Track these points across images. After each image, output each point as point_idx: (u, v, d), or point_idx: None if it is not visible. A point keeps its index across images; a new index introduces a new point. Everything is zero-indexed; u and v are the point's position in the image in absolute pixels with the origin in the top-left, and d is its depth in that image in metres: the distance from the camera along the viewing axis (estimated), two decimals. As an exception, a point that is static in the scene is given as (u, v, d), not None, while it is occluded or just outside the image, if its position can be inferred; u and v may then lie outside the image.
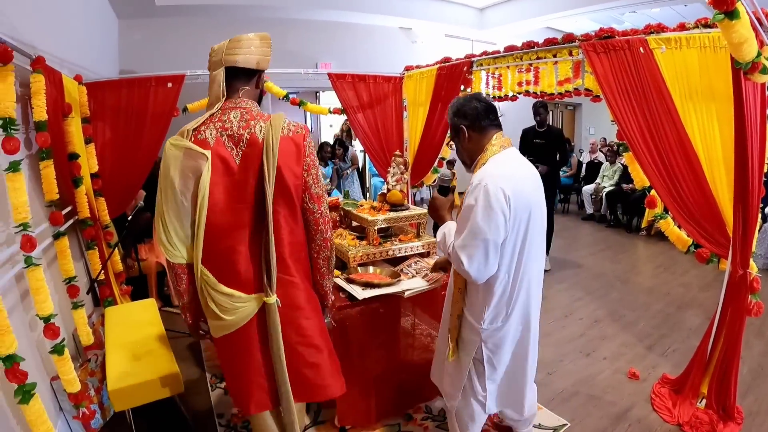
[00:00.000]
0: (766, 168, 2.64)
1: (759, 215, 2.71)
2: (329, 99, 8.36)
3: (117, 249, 4.17)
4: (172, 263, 1.97)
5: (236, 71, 1.92)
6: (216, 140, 1.86)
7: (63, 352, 2.49)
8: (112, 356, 2.77)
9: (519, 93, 4.49)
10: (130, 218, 3.82)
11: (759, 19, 2.33)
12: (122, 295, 4.18)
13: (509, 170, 2.05)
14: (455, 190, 2.33)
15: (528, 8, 8.96)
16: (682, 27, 2.90)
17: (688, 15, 7.78)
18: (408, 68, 5.65)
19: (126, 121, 4.22)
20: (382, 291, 2.70)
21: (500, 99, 4.72)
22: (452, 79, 4.89)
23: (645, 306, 4.84)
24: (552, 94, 4.16)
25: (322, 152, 7.19)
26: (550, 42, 3.91)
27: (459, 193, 3.25)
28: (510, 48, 4.31)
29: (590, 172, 9.60)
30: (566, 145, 6.59)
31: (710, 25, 2.73)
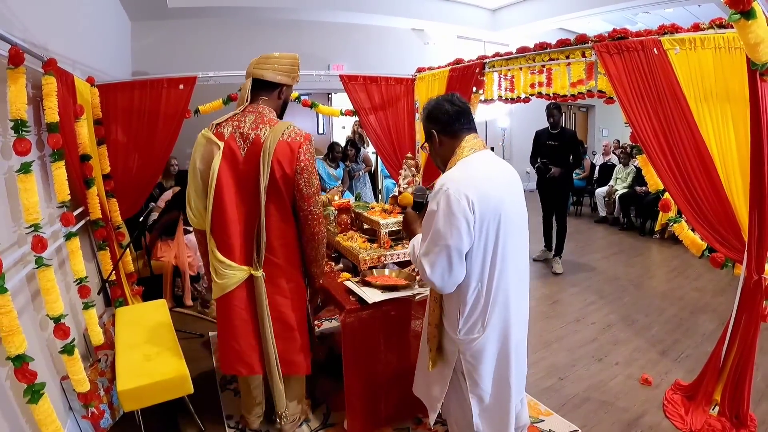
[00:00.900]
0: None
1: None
2: (341, 101, 8.35)
3: (129, 249, 4.19)
4: (195, 228, 2.58)
5: (261, 83, 2.41)
6: (230, 135, 2.32)
7: (73, 352, 2.50)
8: (123, 356, 2.78)
9: (531, 95, 4.46)
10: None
11: (776, 20, 2.29)
12: (133, 296, 4.21)
13: (475, 174, 1.94)
14: None
15: (540, 9, 8.92)
16: (697, 27, 2.87)
17: (702, 15, 7.71)
18: (420, 70, 5.65)
19: (138, 123, 4.25)
20: (399, 294, 2.71)
21: (513, 101, 4.70)
22: (464, 81, 4.88)
23: (658, 311, 4.79)
24: (565, 96, 4.13)
25: (333, 153, 7.13)
26: (563, 43, 3.88)
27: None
28: (522, 49, 4.29)
29: (603, 175, 9.52)
30: (579, 147, 6.54)
31: (725, 26, 2.70)
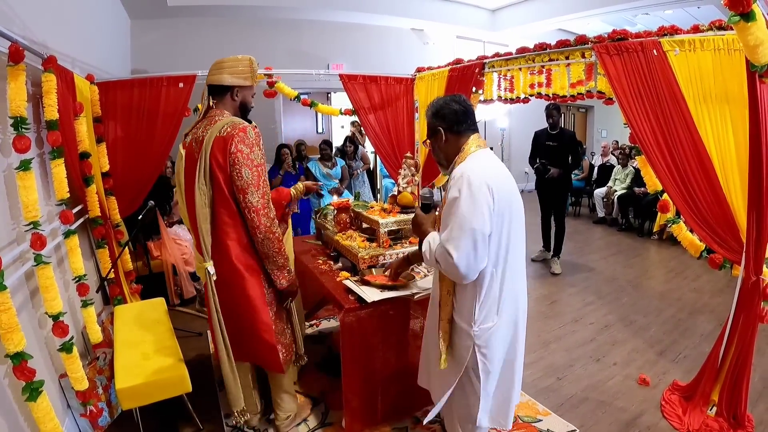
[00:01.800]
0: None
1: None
2: (341, 100, 8.35)
3: (127, 248, 4.19)
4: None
5: (214, 88, 2.49)
6: (190, 141, 2.46)
7: (71, 350, 2.51)
8: (121, 355, 2.79)
9: (531, 95, 4.46)
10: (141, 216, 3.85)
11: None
12: (132, 294, 4.21)
13: (489, 166, 2.03)
14: (438, 208, 2.29)
15: (540, 10, 8.93)
16: (696, 29, 2.88)
17: (701, 17, 7.73)
18: (420, 69, 5.65)
19: (137, 121, 4.25)
20: (398, 293, 2.70)
21: (512, 101, 4.70)
22: (464, 81, 4.88)
23: (656, 311, 4.79)
24: (564, 97, 4.13)
25: (323, 151, 6.89)
26: (563, 44, 3.89)
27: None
28: (522, 50, 4.30)
29: (602, 175, 9.52)
30: (579, 148, 6.54)
31: (724, 27, 2.70)
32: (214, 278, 2.44)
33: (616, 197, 8.46)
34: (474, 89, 4.85)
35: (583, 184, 9.94)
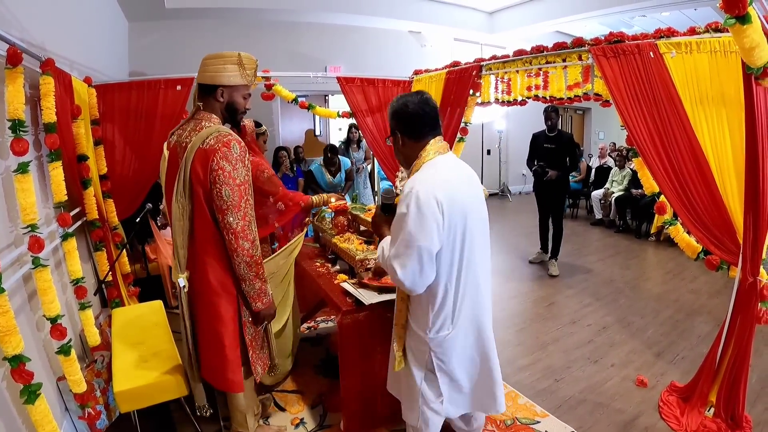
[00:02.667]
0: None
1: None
2: (338, 102, 8.36)
3: (125, 251, 4.19)
4: None
5: (202, 88, 2.32)
6: (174, 143, 2.31)
7: (70, 353, 2.51)
8: (119, 357, 2.78)
9: (528, 97, 4.46)
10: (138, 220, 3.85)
11: (771, 24, 2.30)
12: (130, 297, 4.20)
13: (442, 176, 1.97)
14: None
15: (537, 12, 8.95)
16: (693, 31, 2.89)
17: (698, 19, 7.73)
18: (417, 72, 5.67)
19: (135, 123, 4.25)
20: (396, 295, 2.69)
21: (509, 103, 4.71)
22: (461, 83, 4.89)
23: (654, 313, 4.80)
24: (561, 99, 4.14)
25: (329, 157, 6.81)
26: (560, 46, 3.90)
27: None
28: (519, 52, 4.31)
29: (599, 177, 9.53)
30: (576, 150, 6.55)
31: (721, 30, 2.71)
32: (186, 290, 2.31)
33: (614, 199, 8.48)
34: (471, 92, 4.85)
35: (581, 186, 9.97)
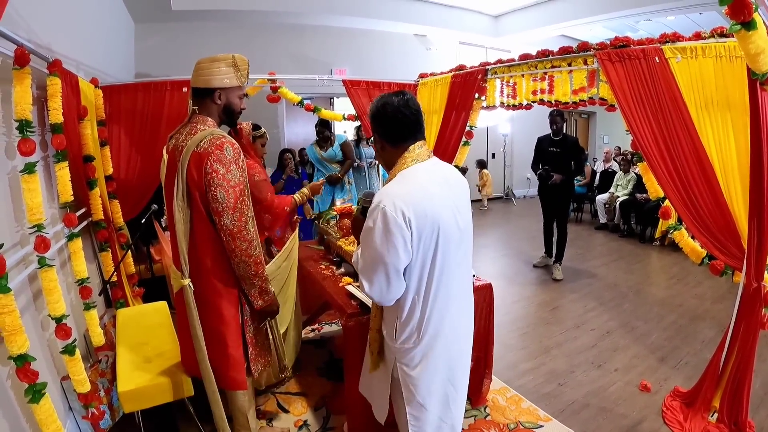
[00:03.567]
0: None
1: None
2: (344, 105, 8.36)
3: (130, 251, 4.20)
4: None
5: (197, 91, 2.33)
6: (172, 147, 2.31)
7: (74, 353, 2.52)
8: (123, 358, 2.79)
9: (534, 101, 4.46)
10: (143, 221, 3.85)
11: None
12: (134, 297, 4.21)
13: (414, 189, 1.88)
14: None
15: (542, 16, 8.96)
16: (698, 36, 2.89)
17: (703, 23, 7.74)
18: (422, 75, 5.67)
19: (141, 125, 4.26)
20: None
21: (515, 107, 4.71)
22: (467, 87, 4.89)
23: (658, 317, 4.79)
24: (566, 103, 4.13)
25: (320, 134, 6.57)
26: (565, 50, 3.90)
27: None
28: (525, 56, 4.31)
29: (604, 181, 9.53)
30: (581, 155, 6.54)
31: (726, 35, 2.71)
32: (192, 290, 2.31)
33: (618, 203, 8.47)
34: (477, 95, 4.85)
35: (585, 190, 9.95)
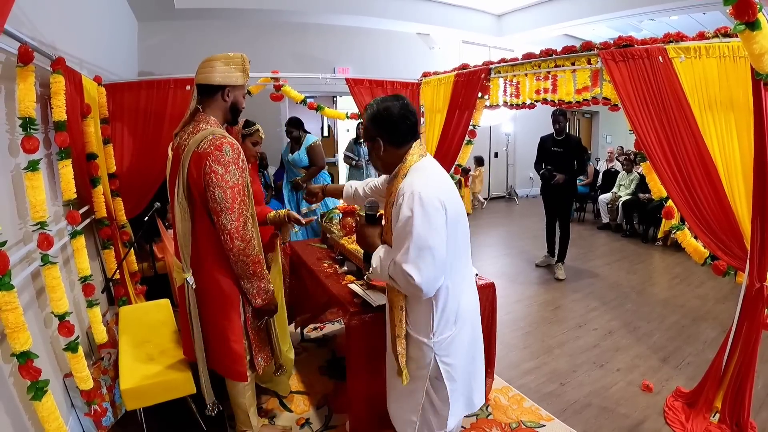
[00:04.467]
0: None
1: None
2: (346, 104, 8.38)
3: (133, 249, 4.20)
4: None
5: (203, 88, 2.35)
6: (176, 145, 2.34)
7: (77, 350, 2.52)
8: (126, 355, 2.79)
9: (537, 101, 4.46)
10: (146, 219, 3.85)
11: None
12: (137, 295, 4.22)
13: (436, 178, 1.99)
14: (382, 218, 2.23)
15: (546, 15, 8.94)
16: (702, 36, 2.88)
17: (707, 23, 7.72)
18: (426, 74, 5.67)
19: (144, 123, 4.27)
20: None
21: (518, 107, 4.71)
22: (470, 86, 4.89)
23: (660, 318, 4.78)
24: (570, 103, 4.13)
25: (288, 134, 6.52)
26: (569, 50, 3.90)
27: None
28: (528, 55, 4.30)
29: (606, 181, 9.51)
30: (584, 154, 6.52)
31: (730, 35, 2.70)
32: (194, 287, 2.37)
33: (621, 203, 8.45)
34: (480, 94, 4.85)
35: (588, 190, 9.94)
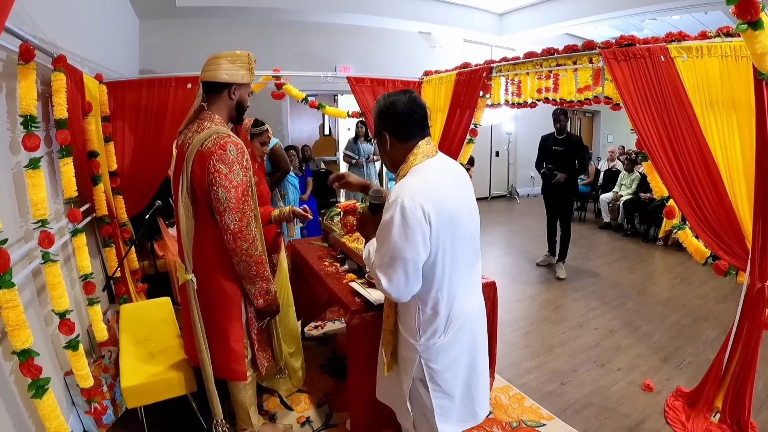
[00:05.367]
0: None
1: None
2: (348, 102, 8.38)
3: (134, 247, 4.20)
4: None
5: (210, 86, 2.31)
6: (181, 142, 2.33)
7: (77, 348, 2.52)
8: (126, 353, 2.80)
9: (538, 100, 4.45)
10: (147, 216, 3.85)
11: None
12: (138, 293, 4.22)
13: (429, 183, 1.86)
14: None
15: (547, 14, 8.92)
16: (704, 36, 2.87)
17: (708, 23, 7.70)
18: (427, 73, 5.66)
19: (145, 121, 4.27)
20: None
21: (519, 105, 4.70)
22: (471, 85, 4.89)
23: (661, 317, 4.78)
24: (572, 102, 4.12)
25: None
26: (570, 49, 3.89)
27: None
28: (530, 54, 4.30)
29: (608, 181, 9.50)
30: (585, 153, 6.51)
31: (732, 34, 2.70)
32: (196, 287, 2.34)
33: (622, 203, 8.45)
34: (481, 93, 4.85)
35: (589, 189, 9.93)
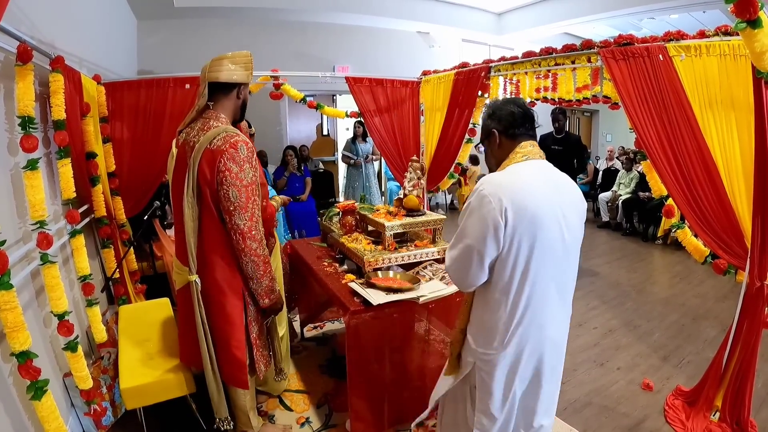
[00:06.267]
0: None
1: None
2: (346, 102, 8.38)
3: (132, 248, 4.20)
4: None
5: (217, 86, 2.33)
6: (183, 141, 2.32)
7: (76, 349, 2.51)
8: (125, 354, 2.79)
9: (537, 99, 4.44)
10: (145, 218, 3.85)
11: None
12: (136, 294, 4.22)
13: (517, 180, 1.78)
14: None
15: (546, 13, 8.91)
16: (702, 34, 2.87)
17: (707, 21, 7.70)
18: (425, 73, 5.65)
19: (144, 122, 4.26)
20: (403, 296, 2.68)
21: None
22: (470, 85, 4.88)
23: (660, 316, 4.78)
24: (570, 101, 4.12)
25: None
26: (569, 48, 3.88)
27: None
28: (528, 54, 4.29)
29: (606, 180, 9.51)
30: (584, 153, 6.51)
31: (730, 33, 2.70)
32: (199, 287, 2.32)
33: (621, 202, 8.45)
34: (480, 93, 4.84)
35: (588, 189, 9.93)
